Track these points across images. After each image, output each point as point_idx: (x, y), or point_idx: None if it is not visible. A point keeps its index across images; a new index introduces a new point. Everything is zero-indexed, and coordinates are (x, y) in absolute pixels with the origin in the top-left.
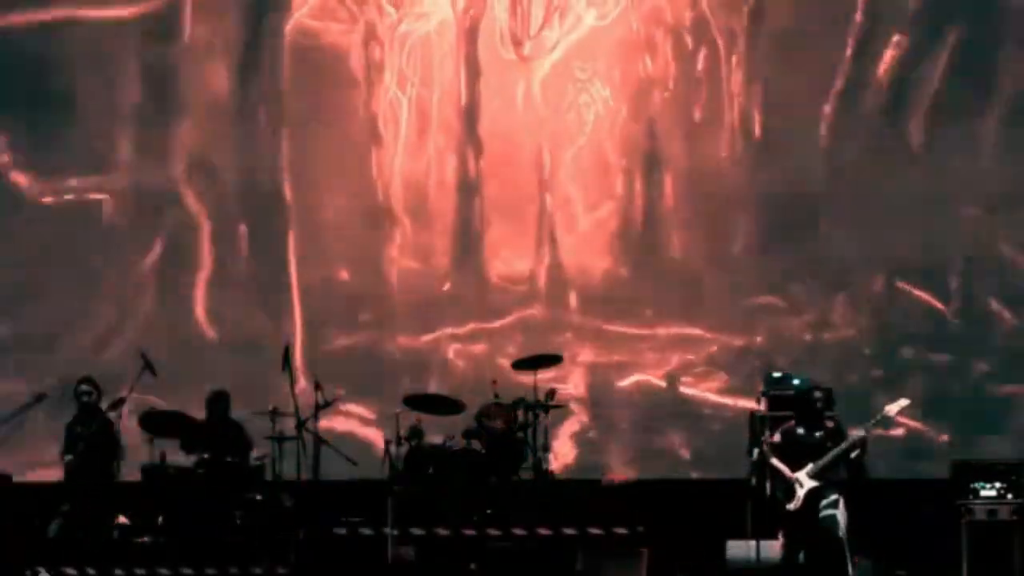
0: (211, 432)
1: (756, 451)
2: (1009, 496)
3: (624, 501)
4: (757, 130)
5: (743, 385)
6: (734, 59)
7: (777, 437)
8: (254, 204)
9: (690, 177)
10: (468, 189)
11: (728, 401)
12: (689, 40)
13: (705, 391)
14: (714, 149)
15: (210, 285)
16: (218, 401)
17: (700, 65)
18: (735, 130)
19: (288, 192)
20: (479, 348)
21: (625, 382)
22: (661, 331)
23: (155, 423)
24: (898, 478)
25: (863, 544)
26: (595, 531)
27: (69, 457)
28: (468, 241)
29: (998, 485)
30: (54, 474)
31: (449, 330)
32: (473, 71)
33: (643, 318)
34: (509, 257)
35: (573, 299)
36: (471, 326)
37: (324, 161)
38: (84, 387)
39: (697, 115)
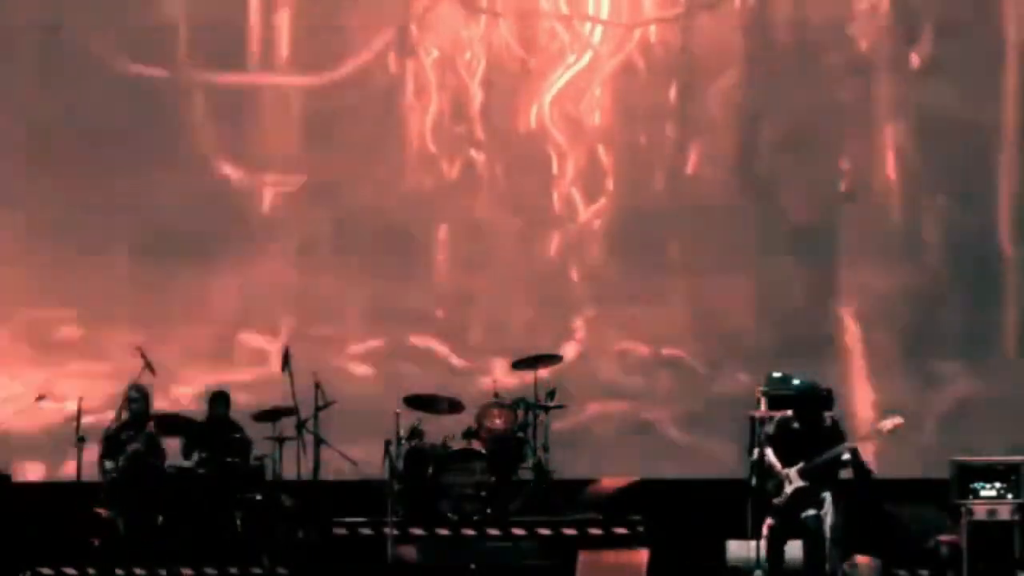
0: (211, 432)
1: (756, 451)
2: (1009, 496)
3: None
4: (731, 137)
5: (707, 350)
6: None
7: (772, 428)
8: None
9: (670, 178)
10: (487, 188)
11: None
12: (678, 61)
13: (682, 355)
14: (693, 155)
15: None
16: (218, 401)
17: (684, 83)
18: (713, 140)
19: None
20: (499, 317)
21: (616, 345)
22: (645, 305)
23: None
24: (898, 478)
25: (863, 544)
26: (595, 531)
27: (111, 464)
28: (488, 232)
29: (998, 485)
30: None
31: (477, 301)
32: (490, 85)
33: (630, 294)
34: (523, 245)
35: (575, 275)
36: (494, 296)
37: (368, 162)
38: (133, 394)
39: (680, 125)
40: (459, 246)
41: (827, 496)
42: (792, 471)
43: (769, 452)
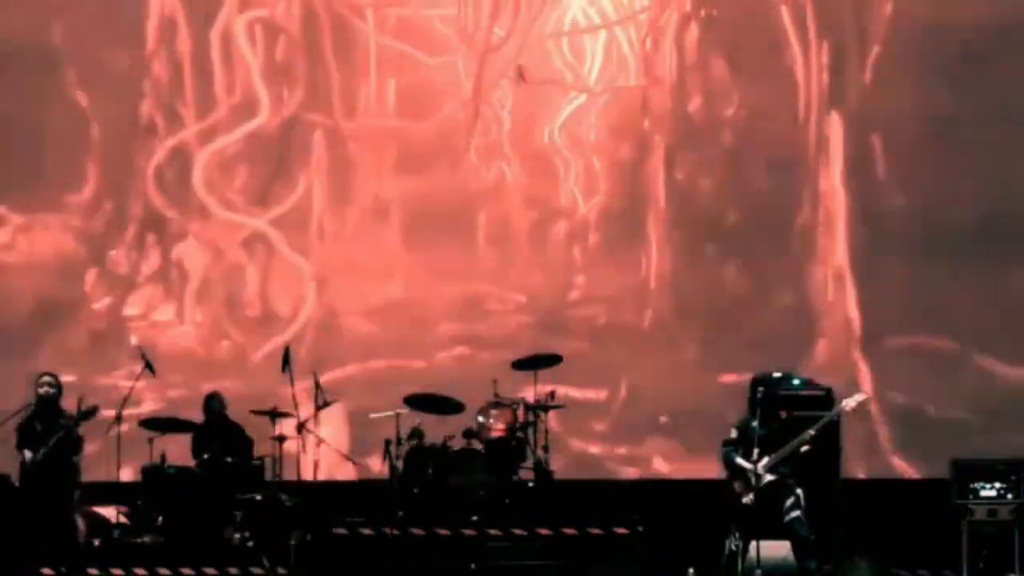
0: (210, 433)
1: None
2: (1009, 496)
3: None
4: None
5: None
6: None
7: (734, 434)
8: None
9: (644, 181)
10: (513, 188)
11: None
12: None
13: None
14: (660, 165)
15: None
16: (213, 402)
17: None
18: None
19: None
20: (523, 279)
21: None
22: (627, 273)
23: (156, 425)
24: (898, 478)
25: (863, 544)
26: (595, 531)
27: (30, 455)
28: (514, 220)
29: (998, 485)
30: None
31: (506, 267)
32: (515, 114)
33: (617, 265)
34: (539, 229)
35: (577, 253)
36: (518, 265)
37: (421, 172)
38: (46, 378)
39: (652, 142)
40: (493, 229)
41: (798, 494)
42: (759, 466)
43: (739, 459)
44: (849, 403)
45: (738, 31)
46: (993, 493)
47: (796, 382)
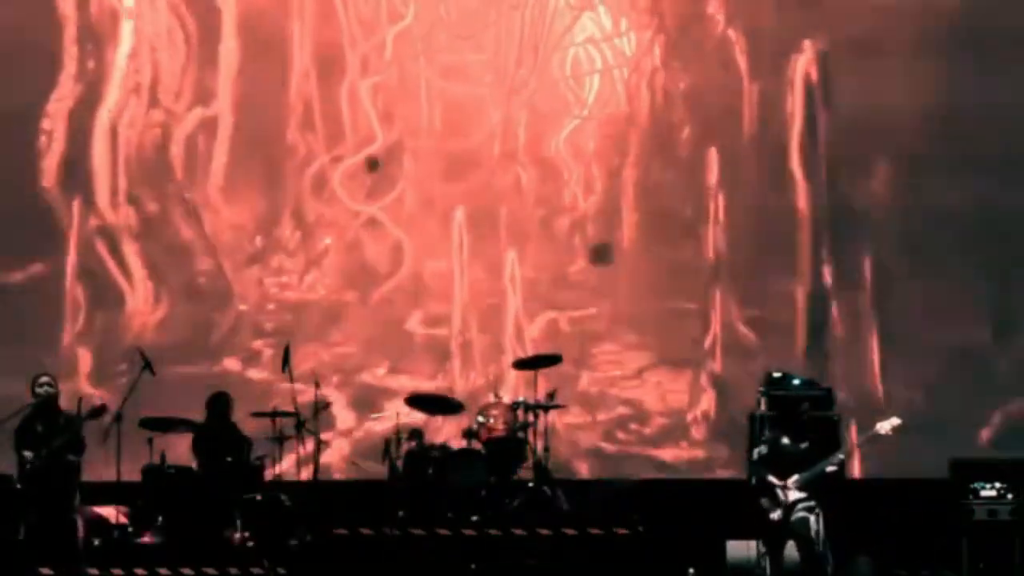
0: (211, 433)
1: (756, 452)
2: (1009, 496)
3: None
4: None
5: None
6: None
7: (764, 450)
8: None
9: (633, 182)
10: (527, 188)
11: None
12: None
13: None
14: (646, 169)
15: None
16: (217, 402)
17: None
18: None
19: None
20: (534, 260)
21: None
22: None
23: (156, 425)
24: (898, 478)
25: (863, 544)
26: (595, 531)
27: (31, 455)
28: (526, 214)
29: (998, 485)
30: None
31: (519, 253)
32: (528, 128)
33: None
34: (547, 222)
35: (577, 242)
36: (530, 250)
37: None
38: (45, 378)
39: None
40: (510, 222)
41: (816, 503)
42: (789, 483)
43: (770, 476)
44: (883, 426)
45: (695, 74)
46: (993, 493)
47: (796, 382)
